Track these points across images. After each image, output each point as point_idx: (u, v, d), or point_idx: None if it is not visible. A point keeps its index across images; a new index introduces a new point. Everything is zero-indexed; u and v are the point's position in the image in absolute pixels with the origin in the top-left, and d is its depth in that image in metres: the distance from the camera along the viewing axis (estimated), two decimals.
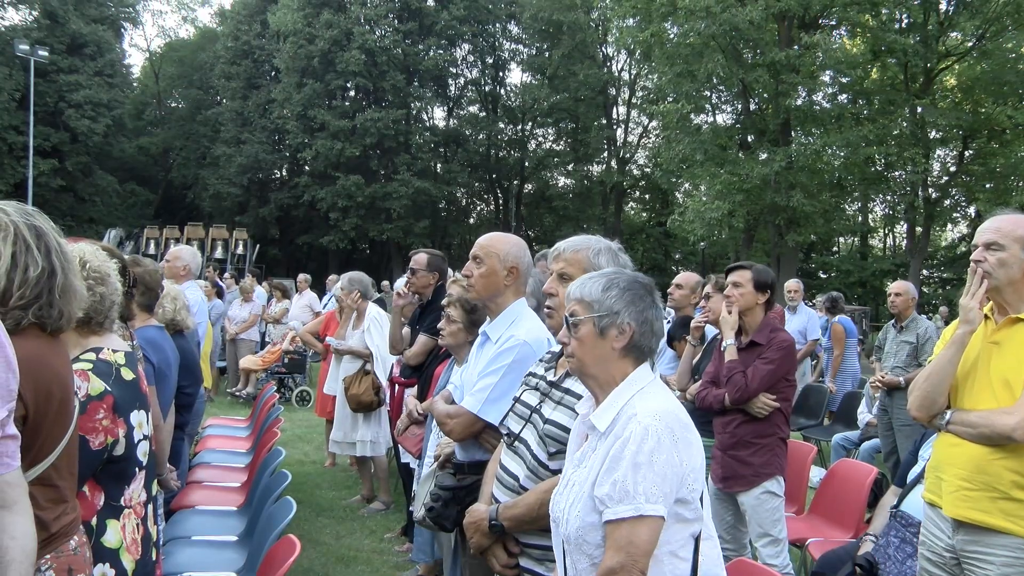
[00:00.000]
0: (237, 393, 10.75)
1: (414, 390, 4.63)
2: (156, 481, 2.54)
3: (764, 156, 21.47)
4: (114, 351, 2.25)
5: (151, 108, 42.27)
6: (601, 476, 1.81)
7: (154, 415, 3.05)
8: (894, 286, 6.74)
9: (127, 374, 2.26)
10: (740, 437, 3.90)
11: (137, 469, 2.29)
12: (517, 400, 2.46)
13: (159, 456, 3.21)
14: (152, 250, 23.59)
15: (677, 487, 1.79)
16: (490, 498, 2.42)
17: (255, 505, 4.02)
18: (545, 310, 2.47)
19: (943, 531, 2.62)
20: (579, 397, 2.22)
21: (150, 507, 2.39)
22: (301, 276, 12.42)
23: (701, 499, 1.90)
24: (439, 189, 33.68)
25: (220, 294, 11.83)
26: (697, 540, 1.91)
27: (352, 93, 35.37)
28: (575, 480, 1.93)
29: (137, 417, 2.27)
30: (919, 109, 21.93)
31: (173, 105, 43.84)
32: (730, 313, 4.02)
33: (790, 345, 4.01)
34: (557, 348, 2.49)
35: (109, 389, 2.14)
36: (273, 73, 36.86)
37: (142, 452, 2.30)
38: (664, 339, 5.05)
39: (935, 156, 25.86)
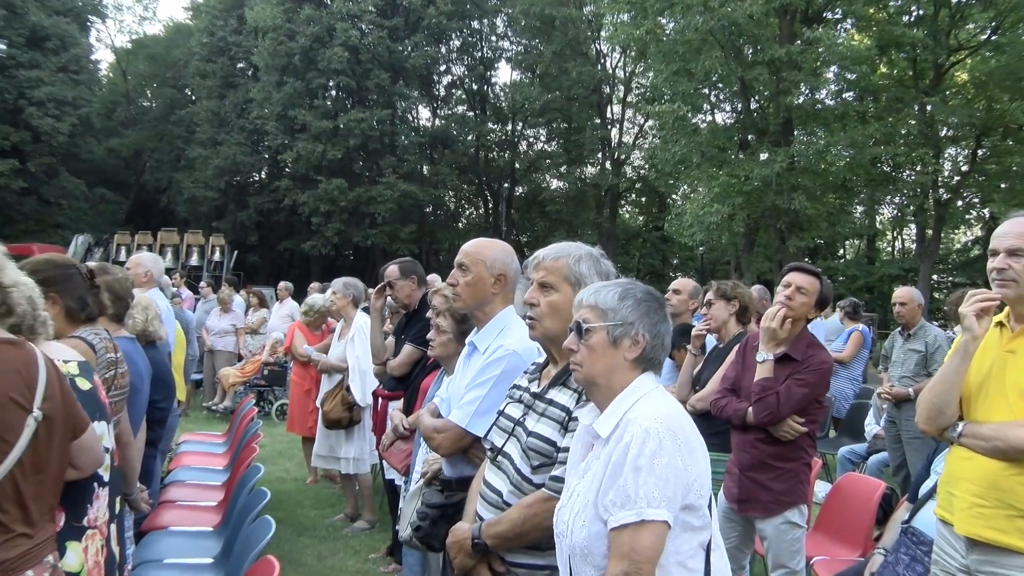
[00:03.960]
0: (213, 407, 10.70)
1: (400, 403, 4.61)
2: (126, 501, 2.50)
3: (765, 157, 21.52)
4: (65, 361, 2.22)
5: (121, 107, 41.90)
6: (605, 483, 1.84)
7: (124, 431, 3.03)
8: (898, 294, 6.67)
9: (83, 383, 2.24)
10: (760, 459, 3.72)
11: (98, 485, 2.26)
12: (501, 413, 2.48)
13: (129, 475, 3.20)
14: (123, 257, 23.38)
15: (683, 493, 1.81)
16: (474, 516, 2.42)
17: (232, 525, 4.00)
18: (527, 321, 2.47)
19: (956, 550, 2.59)
20: (564, 408, 2.25)
21: (114, 526, 2.36)
22: (282, 284, 12.37)
23: (709, 506, 1.91)
24: (426, 192, 33.65)
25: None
26: (707, 550, 1.92)
27: (334, 92, 35.30)
28: (579, 490, 1.95)
29: (98, 429, 2.24)
30: (929, 107, 21.87)
31: (145, 104, 43.60)
32: (781, 325, 3.69)
33: (828, 368, 3.81)
34: (542, 359, 2.51)
35: None
36: (251, 71, 36.76)
37: (103, 467, 2.27)
38: None
39: (946, 155, 25.77)
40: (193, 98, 39.64)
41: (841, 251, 37.61)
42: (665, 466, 1.77)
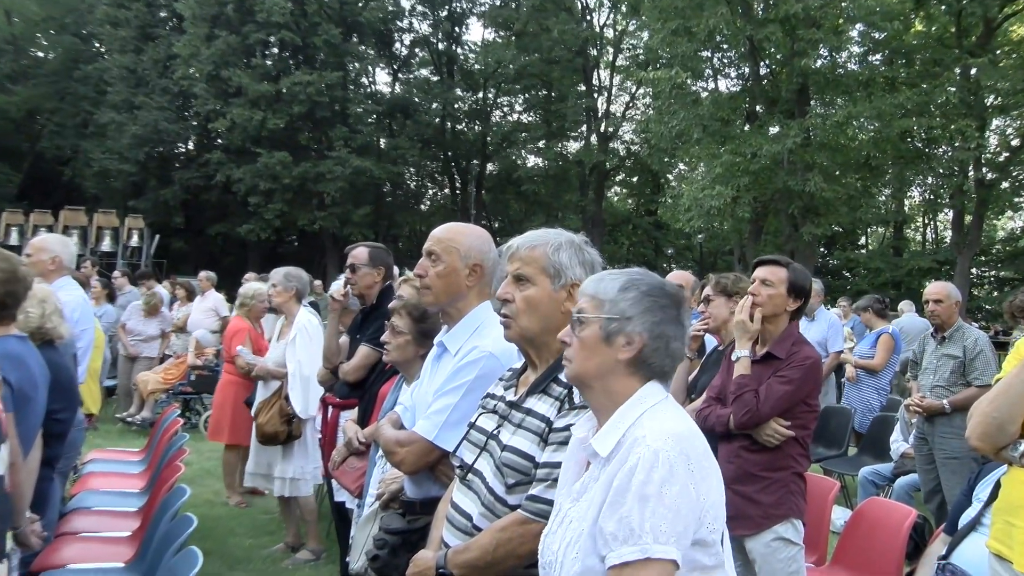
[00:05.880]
0: (129, 419, 10.59)
1: (353, 413, 4.60)
2: (12, 535, 2.42)
3: (775, 130, 21.72)
4: None
5: (7, 57, 39.12)
6: (605, 511, 1.81)
7: (12, 449, 2.93)
8: (932, 291, 6.61)
9: None
10: (746, 469, 3.86)
11: None
12: (471, 426, 2.50)
13: (17, 503, 3.12)
14: (15, 240, 23.05)
15: (695, 526, 1.79)
16: (439, 543, 2.43)
17: (149, 560, 3.95)
18: (501, 319, 2.49)
19: None
20: (543, 419, 2.27)
21: (3, 567, 2.28)
22: (203, 274, 12.29)
23: (722, 541, 1.90)
24: (383, 169, 33.60)
25: (112, 297, 11.70)
26: None
27: (276, 50, 35.17)
28: (573, 516, 1.93)
29: None
30: (974, 70, 21.83)
31: (39, 55, 41.97)
32: (751, 318, 3.95)
33: (814, 363, 3.96)
34: (520, 364, 2.53)
35: None
36: (174, 21, 36.35)
37: None
38: None
39: (992, 128, 25.67)
40: (103, 51, 38.81)
41: (863, 240, 38.05)
42: (676, 496, 1.76)
